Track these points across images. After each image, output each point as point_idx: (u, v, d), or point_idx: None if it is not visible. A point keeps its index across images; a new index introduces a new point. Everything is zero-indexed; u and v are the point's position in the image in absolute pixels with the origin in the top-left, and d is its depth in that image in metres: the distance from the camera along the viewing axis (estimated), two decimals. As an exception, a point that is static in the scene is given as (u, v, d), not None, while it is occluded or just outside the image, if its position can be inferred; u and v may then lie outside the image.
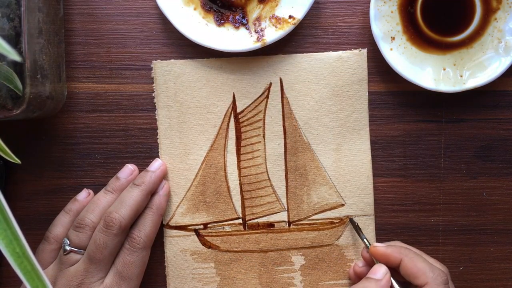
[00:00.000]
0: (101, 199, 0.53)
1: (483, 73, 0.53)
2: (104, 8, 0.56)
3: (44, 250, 0.52)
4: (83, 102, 0.56)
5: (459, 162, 0.56)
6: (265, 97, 0.56)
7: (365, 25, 0.55)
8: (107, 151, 0.56)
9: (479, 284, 0.57)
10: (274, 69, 0.55)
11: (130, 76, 0.56)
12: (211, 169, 0.56)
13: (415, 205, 0.56)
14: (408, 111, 0.56)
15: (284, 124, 0.56)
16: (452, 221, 0.57)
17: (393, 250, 0.51)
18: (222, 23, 0.54)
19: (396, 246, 0.52)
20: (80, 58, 0.56)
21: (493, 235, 0.57)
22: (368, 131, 0.56)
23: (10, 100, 0.47)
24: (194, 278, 0.56)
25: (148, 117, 0.56)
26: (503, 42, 0.53)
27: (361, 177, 0.56)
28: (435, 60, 0.54)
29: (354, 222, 0.55)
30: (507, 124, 0.56)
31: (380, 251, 0.51)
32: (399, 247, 0.51)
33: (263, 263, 0.56)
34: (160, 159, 0.55)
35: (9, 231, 0.32)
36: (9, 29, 0.47)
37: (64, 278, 0.50)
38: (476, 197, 0.57)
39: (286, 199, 0.56)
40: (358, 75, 0.55)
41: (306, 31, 0.56)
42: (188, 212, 0.56)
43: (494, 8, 0.53)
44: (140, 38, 0.56)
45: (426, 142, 0.56)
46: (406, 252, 0.50)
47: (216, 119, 0.56)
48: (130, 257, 0.51)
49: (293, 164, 0.56)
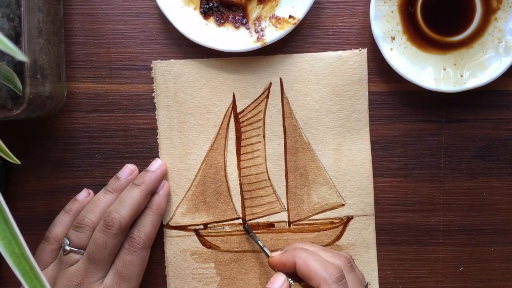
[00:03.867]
0: (101, 199, 0.53)
1: (484, 73, 0.53)
2: (104, 8, 0.56)
3: (44, 250, 0.52)
4: (83, 102, 0.56)
5: (459, 162, 0.56)
6: (265, 97, 0.56)
7: (365, 25, 0.55)
8: (107, 151, 0.56)
9: (479, 284, 0.57)
10: (274, 69, 0.55)
11: (130, 76, 0.56)
12: (211, 169, 0.56)
13: (415, 205, 0.56)
14: (408, 111, 0.56)
15: (284, 124, 0.56)
16: (452, 221, 0.57)
17: (287, 256, 0.48)
18: (222, 23, 0.54)
19: (291, 250, 0.49)
20: (80, 58, 0.56)
21: (493, 235, 0.57)
22: (368, 131, 0.56)
23: (10, 100, 0.48)
24: (194, 278, 0.56)
25: (148, 117, 0.56)
26: (503, 42, 0.53)
27: (361, 177, 0.56)
28: (435, 60, 0.54)
29: (249, 230, 0.55)
30: (507, 124, 0.56)
31: (276, 260, 0.49)
32: (293, 249, 0.49)
33: (263, 263, 0.56)
34: (160, 159, 0.55)
35: (8, 231, 0.32)
36: (9, 29, 0.47)
37: (64, 278, 0.50)
38: (476, 197, 0.56)
39: (286, 199, 0.56)
40: (358, 75, 0.55)
41: (306, 31, 0.56)
42: (188, 212, 0.56)
43: (494, 8, 0.53)
44: (140, 38, 0.56)
45: (426, 142, 0.56)
46: (300, 254, 0.47)
47: (216, 119, 0.56)
48: (130, 257, 0.51)
49: (293, 164, 0.56)
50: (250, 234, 0.55)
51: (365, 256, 0.56)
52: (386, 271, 0.57)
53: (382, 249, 0.56)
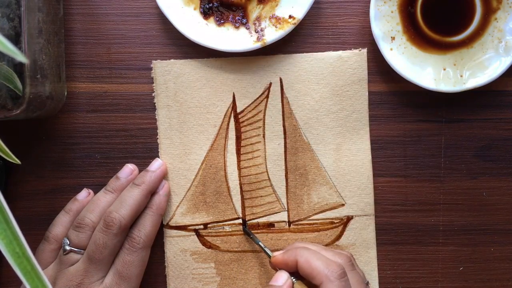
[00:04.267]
0: (101, 199, 0.53)
1: (483, 73, 0.53)
2: (104, 8, 0.56)
3: (44, 250, 0.52)
4: (83, 102, 0.56)
5: (459, 162, 0.56)
6: (265, 97, 0.56)
7: (365, 25, 0.55)
8: (107, 151, 0.56)
9: (479, 284, 0.57)
10: (274, 69, 0.55)
11: (130, 76, 0.56)
12: (211, 169, 0.56)
13: (415, 205, 0.56)
14: (408, 111, 0.56)
15: (284, 124, 0.56)
16: (452, 221, 0.57)
17: (289, 255, 0.48)
18: (222, 23, 0.54)
19: (292, 249, 0.49)
20: (80, 58, 0.56)
21: (493, 235, 0.57)
22: (368, 131, 0.56)
23: (10, 100, 0.48)
24: (194, 278, 0.56)
25: (148, 117, 0.56)
26: (503, 42, 0.53)
27: (361, 177, 0.56)
28: (435, 60, 0.54)
29: (249, 232, 0.55)
30: (507, 124, 0.56)
31: (278, 260, 0.49)
32: (295, 248, 0.49)
33: (263, 263, 0.56)
34: (160, 159, 0.55)
35: (9, 231, 0.32)
36: (9, 29, 0.47)
37: (64, 278, 0.50)
38: (476, 197, 0.57)
39: (286, 199, 0.56)
40: (358, 75, 0.55)
41: (306, 31, 0.56)
42: (188, 212, 0.56)
43: (494, 8, 0.53)
44: (140, 38, 0.56)
45: (426, 142, 0.56)
46: (302, 253, 0.48)
47: (216, 119, 0.56)
48: (130, 257, 0.51)
49: (293, 164, 0.56)
50: (251, 236, 0.55)
51: (365, 256, 0.56)
52: (386, 271, 0.57)
53: (382, 249, 0.56)
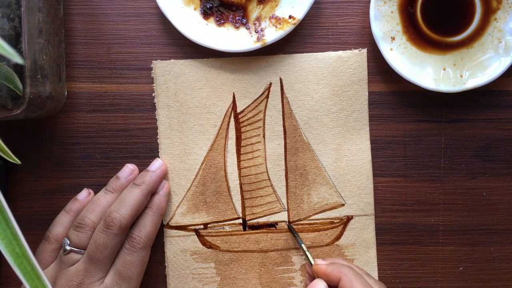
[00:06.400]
0: (101, 199, 0.53)
1: (483, 73, 0.53)
2: (104, 8, 0.56)
3: (44, 250, 0.52)
4: (83, 102, 0.56)
5: (459, 162, 0.56)
6: (265, 97, 0.56)
7: (365, 25, 0.55)
8: (107, 151, 0.56)
9: (479, 284, 0.57)
10: (274, 69, 0.55)
11: (130, 76, 0.56)
12: (211, 169, 0.56)
13: (415, 205, 0.56)
14: (408, 111, 0.56)
15: (284, 124, 0.56)
16: (452, 221, 0.57)
17: (333, 269, 0.49)
18: (222, 23, 0.54)
19: (338, 264, 0.50)
20: (80, 58, 0.56)
21: (493, 235, 0.57)
22: (368, 131, 0.56)
23: (10, 100, 0.48)
24: (194, 278, 0.56)
25: (148, 117, 0.56)
26: (503, 42, 0.53)
27: (361, 177, 0.56)
28: (435, 60, 0.54)
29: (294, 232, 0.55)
30: (507, 124, 0.56)
31: (321, 269, 0.50)
32: (340, 265, 0.50)
33: (263, 263, 0.56)
34: (160, 159, 0.55)
35: (9, 231, 0.32)
36: (9, 29, 0.47)
37: (64, 278, 0.50)
38: (476, 197, 0.57)
39: (286, 199, 0.56)
40: (358, 75, 0.55)
41: (306, 31, 0.56)
42: (188, 212, 0.56)
43: (494, 8, 0.53)
44: (140, 38, 0.56)
45: (426, 142, 0.56)
46: (346, 271, 0.48)
47: (216, 119, 0.56)
48: (130, 257, 0.51)
49: (293, 164, 0.56)
50: (295, 235, 0.55)
51: (365, 256, 0.56)
52: (386, 271, 0.57)
53: (382, 249, 0.57)
